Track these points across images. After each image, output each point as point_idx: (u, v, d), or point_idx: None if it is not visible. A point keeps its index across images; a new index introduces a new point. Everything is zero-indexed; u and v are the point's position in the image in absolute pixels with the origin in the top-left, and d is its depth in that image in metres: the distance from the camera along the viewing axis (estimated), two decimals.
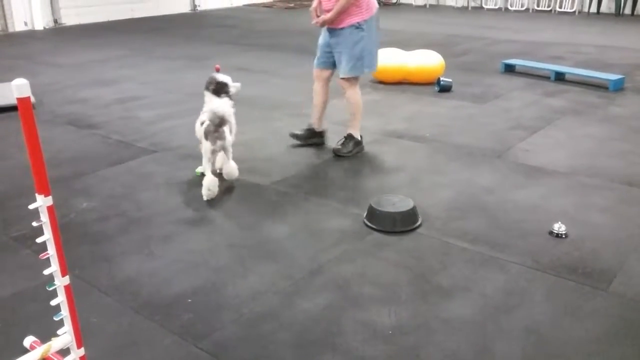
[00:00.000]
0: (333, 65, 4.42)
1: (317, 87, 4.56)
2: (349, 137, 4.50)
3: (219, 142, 3.70)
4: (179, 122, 5.29)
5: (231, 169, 3.89)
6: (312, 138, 4.69)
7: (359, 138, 4.53)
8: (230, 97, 3.91)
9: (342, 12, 4.14)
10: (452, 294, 2.65)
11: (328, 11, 4.22)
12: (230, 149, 3.83)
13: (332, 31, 4.29)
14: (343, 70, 4.31)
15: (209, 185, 3.66)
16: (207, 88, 3.92)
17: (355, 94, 4.43)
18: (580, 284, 2.72)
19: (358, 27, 4.19)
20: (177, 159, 4.44)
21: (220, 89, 3.88)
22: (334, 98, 4.71)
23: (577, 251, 3.01)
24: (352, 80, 4.37)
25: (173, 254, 3.04)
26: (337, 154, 4.46)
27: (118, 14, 12.84)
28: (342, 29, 4.22)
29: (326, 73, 4.49)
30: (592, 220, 3.36)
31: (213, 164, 3.81)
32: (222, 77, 3.92)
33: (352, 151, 4.47)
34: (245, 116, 5.49)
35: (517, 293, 2.66)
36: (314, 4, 4.33)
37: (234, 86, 3.94)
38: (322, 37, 4.42)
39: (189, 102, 6.00)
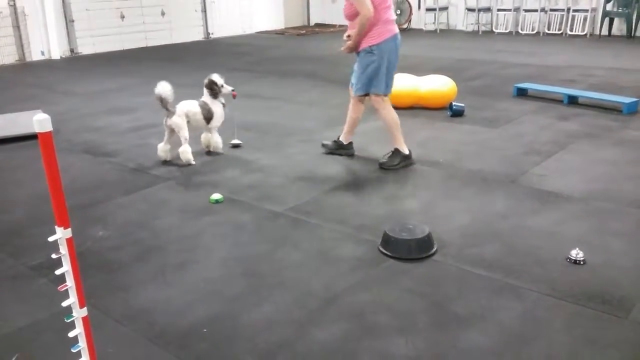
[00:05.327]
0: None
1: (350, 104, 4.89)
2: (395, 152, 4.71)
3: (167, 120, 4.93)
4: (194, 149, 5.33)
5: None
6: (338, 149, 5.06)
7: (406, 152, 4.71)
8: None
9: (362, 36, 4.41)
10: (470, 323, 2.62)
11: (350, 36, 4.53)
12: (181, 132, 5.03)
13: (356, 54, 4.62)
14: (354, 90, 4.66)
15: (159, 151, 5.09)
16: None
17: (385, 112, 4.67)
18: (599, 312, 2.68)
19: (369, 51, 4.46)
20: (192, 186, 4.47)
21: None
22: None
23: (596, 278, 2.97)
24: (380, 100, 4.62)
25: (188, 282, 3.05)
26: (382, 167, 4.67)
27: (133, 43, 13.07)
28: (359, 52, 4.55)
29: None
30: (610, 246, 3.32)
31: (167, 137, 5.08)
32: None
33: (398, 165, 4.66)
34: (259, 143, 5.54)
35: (535, 322, 2.62)
36: (347, 32, 4.64)
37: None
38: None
39: None
